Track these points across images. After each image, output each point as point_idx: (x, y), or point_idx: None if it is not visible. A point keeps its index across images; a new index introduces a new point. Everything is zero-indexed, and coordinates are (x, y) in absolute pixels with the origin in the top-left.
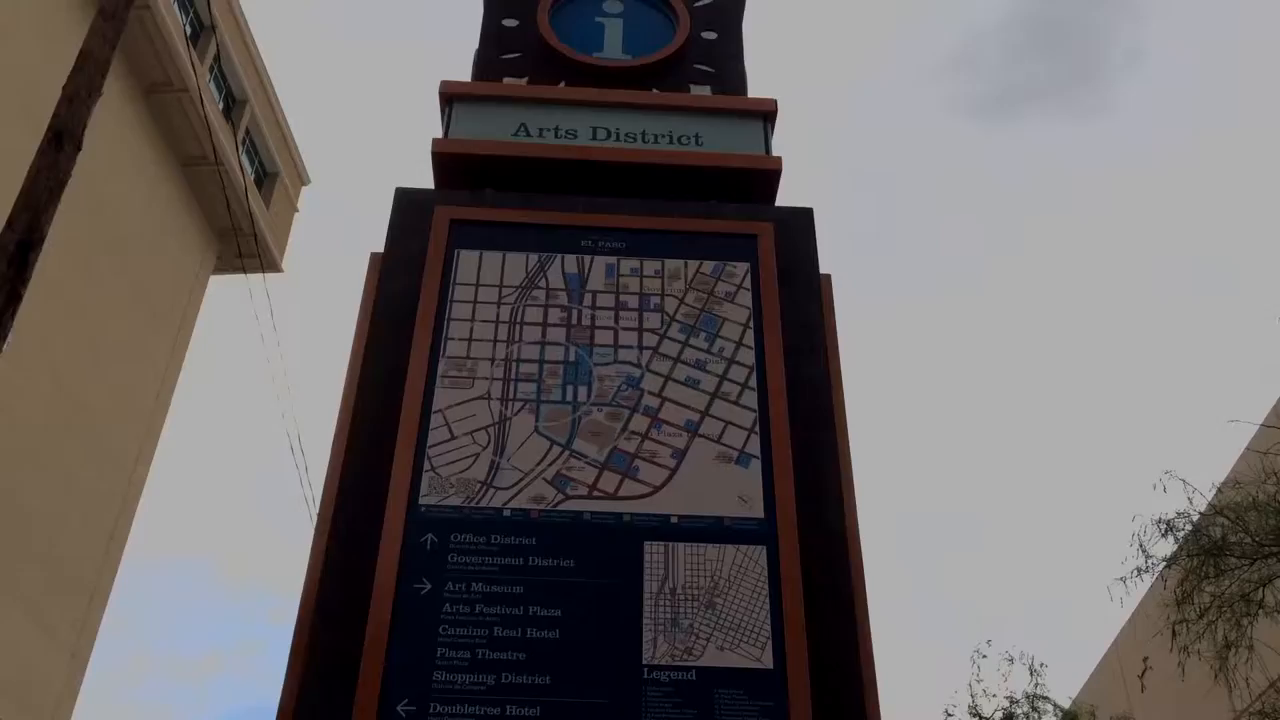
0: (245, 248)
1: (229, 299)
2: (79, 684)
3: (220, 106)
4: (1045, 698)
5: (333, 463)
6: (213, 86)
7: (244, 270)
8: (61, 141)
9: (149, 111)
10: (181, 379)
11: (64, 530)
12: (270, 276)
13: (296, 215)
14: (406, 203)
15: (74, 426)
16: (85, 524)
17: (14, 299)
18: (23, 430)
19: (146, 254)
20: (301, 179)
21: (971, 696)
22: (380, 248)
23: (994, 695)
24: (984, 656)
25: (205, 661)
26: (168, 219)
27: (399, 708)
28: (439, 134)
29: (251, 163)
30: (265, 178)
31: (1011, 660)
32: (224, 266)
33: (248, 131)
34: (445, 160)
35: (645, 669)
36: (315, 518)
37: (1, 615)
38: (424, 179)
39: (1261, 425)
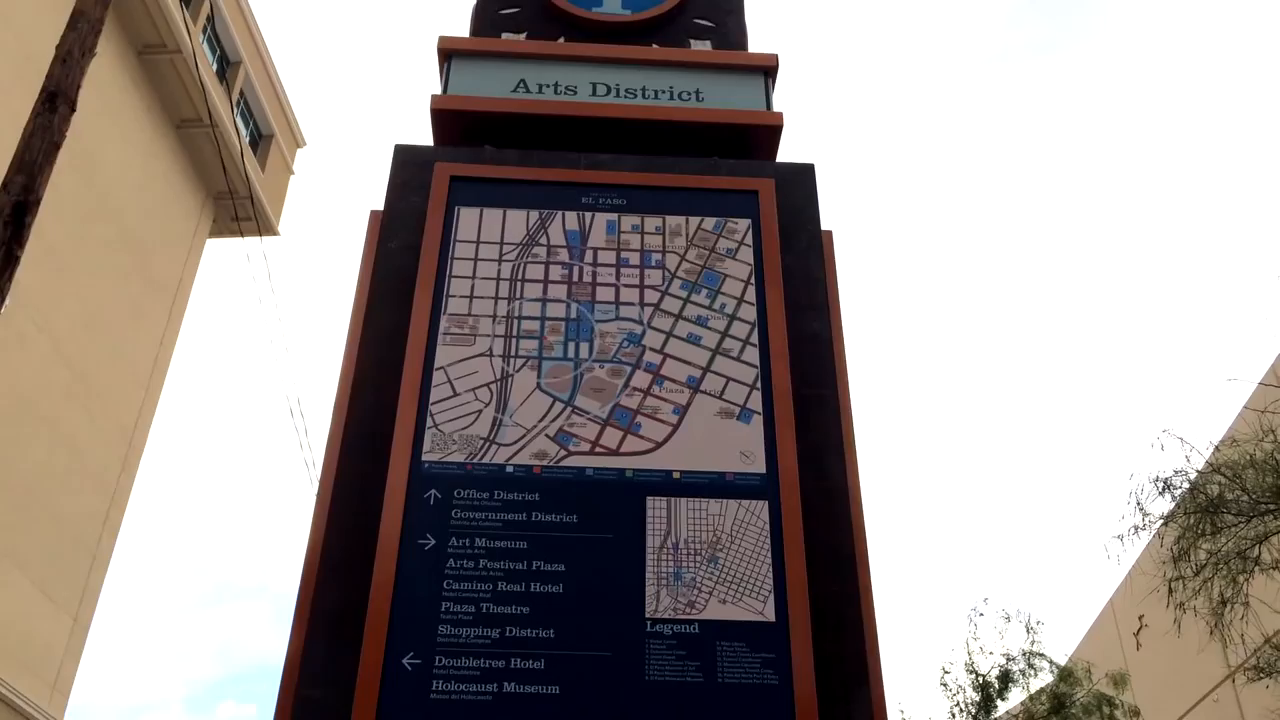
0: (241, 211)
1: (226, 262)
2: (81, 647)
3: (214, 68)
4: (1041, 655)
5: (335, 420)
6: (206, 48)
7: (240, 233)
8: (55, 102)
9: (142, 73)
10: (180, 343)
11: (65, 495)
12: (266, 239)
13: (292, 178)
14: (406, 160)
15: (73, 392)
16: (86, 489)
17: (11, 261)
18: (22, 396)
19: (142, 218)
20: (297, 141)
21: (969, 654)
22: (377, 210)
23: (991, 653)
24: (981, 615)
25: (207, 623)
26: (163, 182)
27: (404, 660)
28: (437, 92)
29: (246, 125)
30: (260, 140)
31: (1008, 618)
32: (220, 230)
33: (242, 93)
34: (444, 117)
35: (648, 622)
36: (317, 480)
37: (4, 581)
38: (420, 142)
39: (1260, 384)
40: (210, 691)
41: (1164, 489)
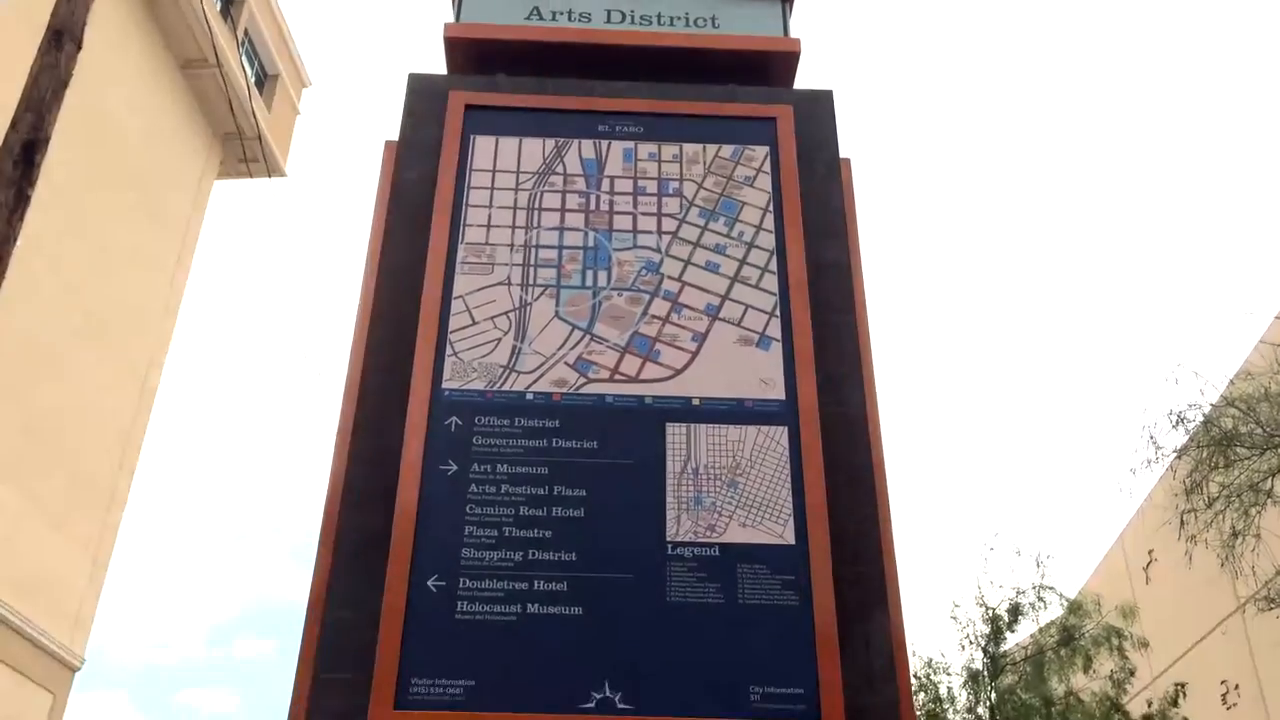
0: (248, 151)
1: (235, 203)
2: (101, 586)
3: (217, 7)
4: (1051, 588)
5: (355, 349)
6: None
7: (248, 174)
8: (62, 40)
9: (145, 12)
10: (190, 284)
11: (80, 437)
12: (274, 180)
13: (298, 118)
14: (420, 89)
15: (85, 334)
16: (101, 430)
17: (22, 200)
18: (34, 337)
19: (150, 159)
20: (303, 81)
21: (978, 588)
22: (392, 140)
23: (1001, 587)
24: (992, 549)
25: (225, 562)
26: (169, 124)
27: (429, 583)
28: (438, 26)
29: (251, 65)
30: (265, 80)
31: (1019, 553)
32: (228, 171)
33: (246, 32)
34: (457, 45)
35: (669, 545)
36: (339, 409)
37: (23, 521)
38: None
39: (1276, 317)
40: (229, 628)
41: (1178, 422)
